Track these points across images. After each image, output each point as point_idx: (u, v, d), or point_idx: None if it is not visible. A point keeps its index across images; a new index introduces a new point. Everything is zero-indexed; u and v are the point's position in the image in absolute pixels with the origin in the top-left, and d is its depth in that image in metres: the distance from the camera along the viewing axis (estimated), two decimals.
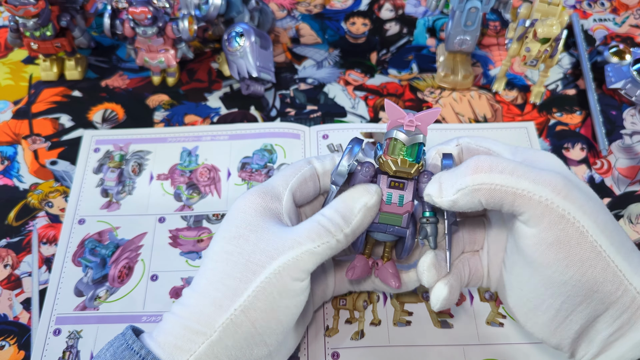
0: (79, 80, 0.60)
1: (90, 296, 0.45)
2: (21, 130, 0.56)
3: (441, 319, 0.44)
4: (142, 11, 0.51)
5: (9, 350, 0.43)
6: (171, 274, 0.47)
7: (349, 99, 0.58)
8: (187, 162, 0.53)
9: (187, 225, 0.49)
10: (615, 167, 0.53)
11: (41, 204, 0.51)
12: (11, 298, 0.46)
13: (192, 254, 0.48)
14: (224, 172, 0.53)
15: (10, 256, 0.48)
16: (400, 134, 0.33)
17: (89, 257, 0.48)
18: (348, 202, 0.34)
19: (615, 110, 0.57)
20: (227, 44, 0.55)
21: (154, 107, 0.58)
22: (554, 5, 0.51)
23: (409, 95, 0.58)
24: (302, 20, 0.66)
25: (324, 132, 0.55)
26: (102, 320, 0.44)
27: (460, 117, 0.57)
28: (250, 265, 0.32)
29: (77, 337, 0.43)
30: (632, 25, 0.65)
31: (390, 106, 0.34)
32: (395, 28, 0.65)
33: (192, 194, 0.51)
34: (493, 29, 0.65)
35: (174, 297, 0.45)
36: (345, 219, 0.34)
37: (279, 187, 0.36)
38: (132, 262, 0.47)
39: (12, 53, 0.63)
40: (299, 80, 0.60)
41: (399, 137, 0.33)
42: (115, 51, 0.63)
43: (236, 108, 0.58)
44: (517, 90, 0.59)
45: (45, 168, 0.53)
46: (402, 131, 0.33)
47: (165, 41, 0.55)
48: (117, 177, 0.52)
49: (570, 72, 0.61)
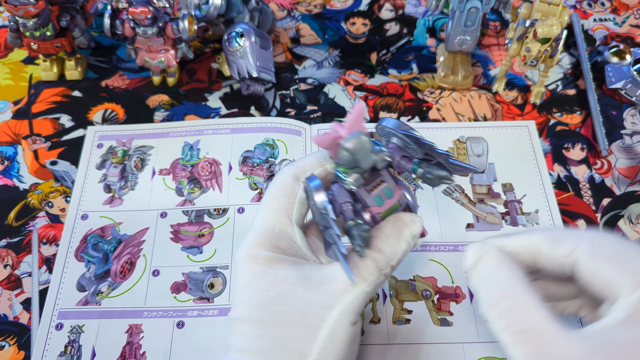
0: (79, 80, 0.60)
1: (92, 291, 0.46)
2: (21, 130, 0.56)
3: (441, 317, 0.44)
4: (142, 11, 0.51)
5: (9, 350, 0.43)
6: (172, 269, 0.47)
7: (349, 99, 0.58)
8: (189, 157, 0.54)
9: (189, 220, 0.50)
10: (616, 167, 0.53)
11: (41, 204, 0.51)
12: (11, 298, 0.46)
13: (193, 249, 0.48)
14: (225, 166, 0.53)
15: (10, 256, 0.48)
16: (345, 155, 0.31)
17: (91, 252, 0.48)
18: (393, 238, 0.32)
19: (616, 110, 0.57)
20: (227, 44, 0.55)
21: (154, 107, 0.58)
22: (554, 5, 0.51)
23: (409, 95, 0.58)
24: (302, 20, 0.66)
25: (324, 130, 0.55)
26: (104, 315, 0.44)
27: (460, 117, 0.57)
28: (308, 321, 0.30)
29: (79, 331, 0.44)
30: (633, 25, 0.65)
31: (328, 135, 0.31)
32: (395, 28, 0.65)
33: (193, 189, 0.51)
34: (493, 29, 0.65)
35: (174, 292, 0.46)
36: (393, 252, 0.32)
37: (285, 227, 0.33)
38: (134, 257, 0.47)
39: (12, 53, 0.63)
40: (299, 81, 0.60)
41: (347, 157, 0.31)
42: (115, 51, 0.63)
43: (236, 108, 0.58)
44: (517, 90, 0.59)
45: (45, 168, 0.53)
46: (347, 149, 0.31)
47: (165, 41, 0.55)
48: (119, 173, 0.53)
49: (571, 72, 0.61)
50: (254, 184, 0.51)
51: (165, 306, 0.45)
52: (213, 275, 0.46)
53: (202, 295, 0.45)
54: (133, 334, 0.44)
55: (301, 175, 0.34)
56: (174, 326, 0.44)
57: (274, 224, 0.32)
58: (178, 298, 0.45)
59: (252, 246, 0.32)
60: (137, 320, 0.44)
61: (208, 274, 0.46)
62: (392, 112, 0.57)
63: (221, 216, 0.50)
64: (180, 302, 0.45)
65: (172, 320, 0.44)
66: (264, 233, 0.32)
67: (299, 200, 0.33)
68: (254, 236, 0.32)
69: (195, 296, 0.45)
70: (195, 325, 0.44)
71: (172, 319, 0.44)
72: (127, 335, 0.44)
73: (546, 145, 0.54)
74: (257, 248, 0.32)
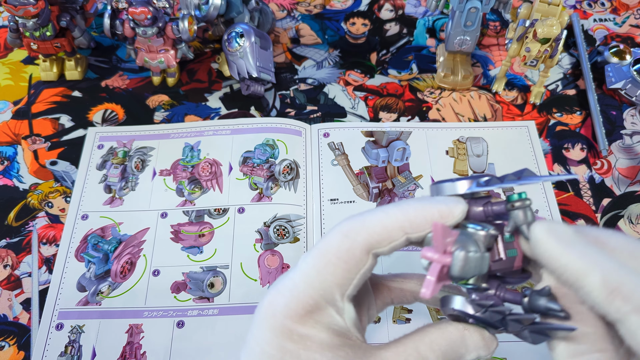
0: (79, 80, 0.60)
1: (92, 291, 0.46)
2: (21, 130, 0.56)
3: (440, 317, 0.44)
4: (142, 11, 0.51)
5: (9, 350, 0.43)
6: (172, 269, 0.47)
7: (349, 99, 0.58)
8: (190, 157, 0.54)
9: (189, 220, 0.50)
10: (615, 167, 0.53)
11: (41, 204, 0.51)
12: (11, 298, 0.46)
13: (193, 249, 0.48)
14: (226, 166, 0.53)
15: (10, 256, 0.48)
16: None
17: (91, 252, 0.48)
18: (455, 353, 0.27)
19: (615, 110, 0.57)
20: (227, 44, 0.55)
21: (154, 108, 0.58)
22: (554, 6, 0.51)
23: (408, 96, 0.58)
24: (302, 20, 0.66)
25: (325, 130, 0.55)
26: (104, 315, 0.44)
27: (460, 117, 0.57)
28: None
29: (80, 331, 0.44)
30: (632, 25, 0.65)
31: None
32: (395, 28, 0.65)
33: (194, 189, 0.51)
34: (493, 29, 0.65)
35: (174, 292, 0.46)
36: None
37: (335, 302, 0.26)
38: (135, 257, 0.47)
39: (12, 53, 0.63)
40: (299, 81, 0.60)
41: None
42: (115, 51, 0.63)
43: (236, 108, 0.58)
44: (517, 90, 0.59)
45: (45, 168, 0.53)
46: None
47: (165, 41, 0.55)
48: (120, 174, 0.53)
49: (570, 72, 0.61)
50: (254, 184, 0.51)
51: (166, 306, 0.45)
52: (213, 275, 0.46)
53: (202, 295, 0.45)
54: (133, 334, 0.44)
55: (376, 247, 0.26)
56: (174, 326, 0.44)
57: (322, 296, 0.26)
58: (178, 298, 0.45)
59: (288, 315, 0.26)
60: (137, 320, 0.44)
61: (208, 274, 0.46)
62: (392, 112, 0.57)
63: (221, 216, 0.50)
64: (181, 302, 0.45)
65: (172, 320, 0.44)
66: (307, 304, 0.26)
67: (362, 276, 0.26)
68: (292, 301, 0.26)
69: (195, 296, 0.45)
70: (195, 325, 0.44)
71: (172, 319, 0.44)
72: (128, 335, 0.44)
73: (546, 146, 0.54)
74: (294, 320, 0.26)
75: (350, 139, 0.54)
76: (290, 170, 0.52)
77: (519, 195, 0.27)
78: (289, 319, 0.26)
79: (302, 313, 0.26)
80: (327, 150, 0.54)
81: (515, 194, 0.27)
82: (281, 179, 0.52)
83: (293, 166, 0.52)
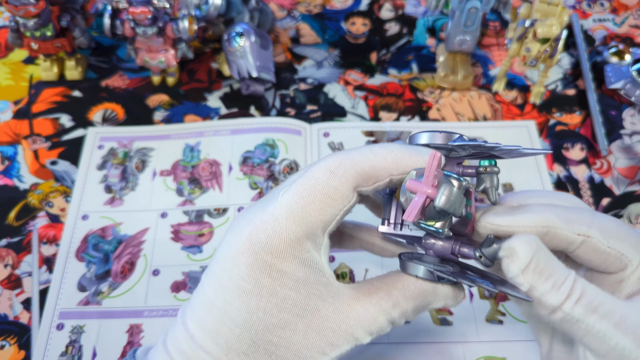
0: (79, 80, 0.60)
1: (93, 291, 0.46)
2: (21, 130, 0.56)
3: (440, 317, 0.44)
4: (142, 11, 0.51)
5: (9, 350, 0.43)
6: (172, 269, 0.47)
7: (348, 99, 0.58)
8: (190, 158, 0.54)
9: (189, 220, 0.50)
10: (615, 167, 0.53)
11: (41, 204, 0.51)
12: (11, 298, 0.46)
13: (193, 248, 0.48)
14: (226, 166, 0.53)
15: (11, 256, 0.48)
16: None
17: (92, 252, 0.48)
18: (424, 301, 0.28)
19: (615, 110, 0.57)
20: (227, 44, 0.55)
21: (154, 107, 0.58)
22: (553, 6, 0.51)
23: (409, 95, 0.59)
24: (302, 20, 0.66)
25: (325, 130, 0.55)
26: (105, 315, 0.44)
27: (460, 117, 0.57)
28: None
29: (80, 331, 0.44)
30: (632, 25, 0.65)
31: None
32: (395, 28, 0.65)
33: (194, 189, 0.52)
34: (493, 29, 0.65)
35: (175, 291, 0.46)
36: (415, 311, 0.28)
37: (316, 237, 0.26)
38: (135, 257, 0.48)
39: (12, 53, 0.63)
40: (299, 80, 0.60)
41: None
42: (115, 51, 0.63)
43: (236, 108, 0.58)
44: (517, 90, 0.59)
45: (45, 168, 0.53)
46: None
47: (165, 41, 0.56)
48: (120, 174, 0.53)
49: (570, 72, 0.61)
50: (254, 184, 0.52)
51: (166, 306, 0.45)
52: None
53: None
54: (134, 334, 0.44)
55: (362, 185, 0.26)
56: None
57: (305, 231, 0.26)
58: (178, 297, 0.45)
59: (269, 250, 0.26)
60: (137, 320, 0.44)
61: None
62: (392, 112, 0.57)
63: (221, 216, 0.50)
64: (181, 302, 0.45)
65: (173, 319, 0.44)
66: (289, 239, 0.26)
67: (345, 212, 0.27)
68: (274, 237, 0.26)
69: None
70: None
71: (172, 318, 0.44)
72: (128, 335, 0.44)
73: (546, 145, 0.54)
74: (274, 256, 0.26)
75: (350, 139, 0.54)
76: (290, 170, 0.52)
77: (489, 162, 0.28)
78: (270, 255, 0.25)
79: (282, 248, 0.25)
80: (327, 150, 0.54)
81: (486, 160, 0.28)
82: (281, 178, 0.52)
83: (293, 166, 0.52)
